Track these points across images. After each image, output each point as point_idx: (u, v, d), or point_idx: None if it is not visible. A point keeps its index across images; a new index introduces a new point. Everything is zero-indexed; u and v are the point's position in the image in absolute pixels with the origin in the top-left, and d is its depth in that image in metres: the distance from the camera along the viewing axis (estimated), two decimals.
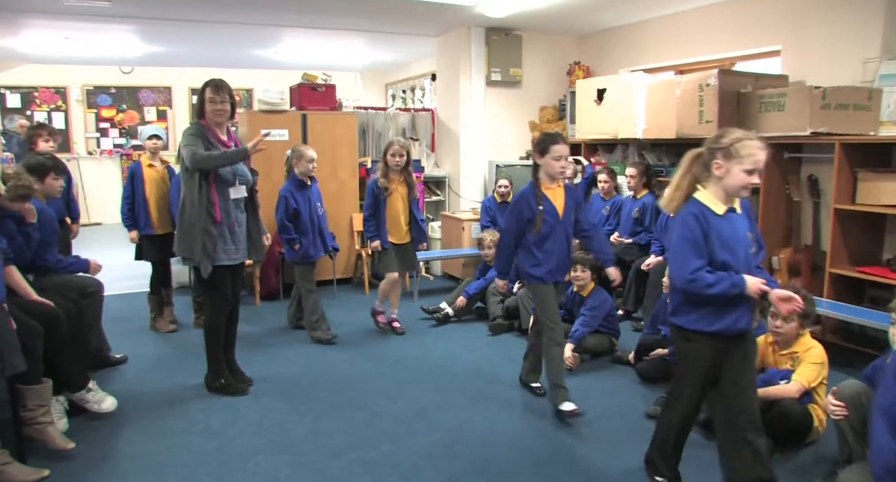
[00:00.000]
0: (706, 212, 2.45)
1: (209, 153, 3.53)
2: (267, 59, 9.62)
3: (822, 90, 4.34)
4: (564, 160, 3.42)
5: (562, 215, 3.48)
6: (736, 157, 2.40)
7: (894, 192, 4.14)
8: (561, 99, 7.20)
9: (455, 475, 2.95)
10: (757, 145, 2.42)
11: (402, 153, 4.76)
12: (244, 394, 3.84)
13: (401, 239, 4.92)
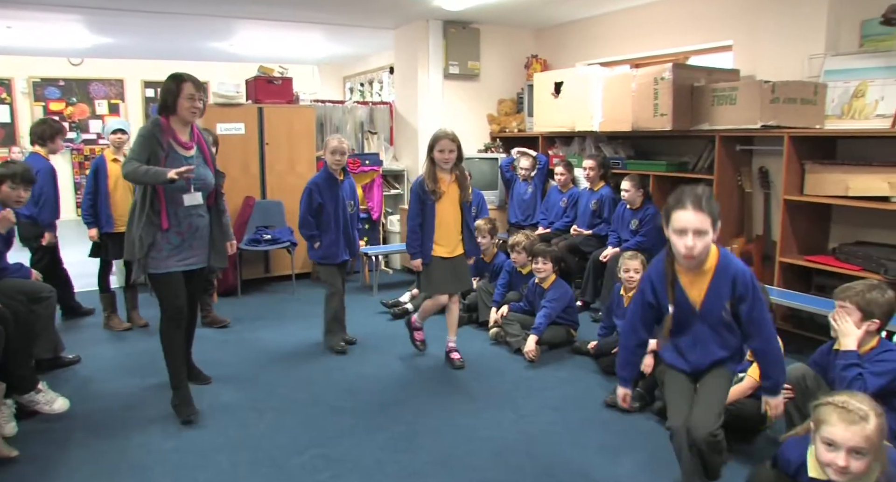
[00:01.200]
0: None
1: (136, 169, 3.24)
2: (222, 52, 9.45)
3: (772, 84, 4.45)
4: (690, 234, 2.26)
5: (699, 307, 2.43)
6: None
7: (839, 184, 4.27)
8: (519, 92, 7.24)
9: (417, 468, 2.96)
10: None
11: (453, 148, 4.02)
12: (188, 418, 3.41)
13: (452, 251, 4.14)
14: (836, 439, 1.90)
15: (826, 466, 1.94)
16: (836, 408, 1.92)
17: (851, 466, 1.88)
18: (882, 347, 2.74)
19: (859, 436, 1.86)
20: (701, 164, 5.28)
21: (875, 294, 2.71)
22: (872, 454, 1.89)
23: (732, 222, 5.00)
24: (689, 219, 2.23)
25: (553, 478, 2.87)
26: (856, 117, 4.56)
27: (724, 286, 2.33)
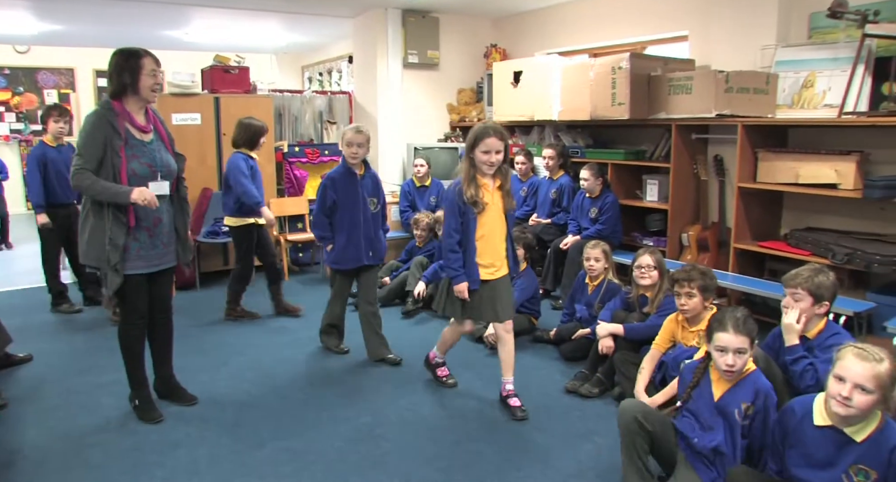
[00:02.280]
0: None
1: (92, 184, 2.97)
2: (177, 40, 9.24)
3: (726, 74, 4.53)
4: (731, 354, 2.44)
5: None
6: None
7: (790, 171, 4.38)
8: (478, 81, 7.24)
9: (380, 459, 2.97)
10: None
11: (500, 148, 3.21)
12: (155, 422, 3.29)
13: (495, 272, 3.37)
14: (845, 373, 1.99)
15: (831, 398, 2.03)
16: (855, 349, 2.03)
17: (854, 398, 1.96)
18: (829, 331, 2.85)
19: (869, 372, 1.96)
20: (658, 153, 5.36)
21: (822, 278, 2.82)
22: (878, 394, 1.96)
23: (689, 209, 5.10)
24: (730, 340, 2.41)
25: (514, 464, 2.90)
26: (805, 107, 4.68)
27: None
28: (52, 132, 5.01)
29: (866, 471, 2.01)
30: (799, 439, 2.15)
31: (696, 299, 3.20)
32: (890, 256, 3.81)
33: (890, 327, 3.48)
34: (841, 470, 2.05)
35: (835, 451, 2.06)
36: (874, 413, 2.03)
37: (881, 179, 3.88)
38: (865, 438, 2.02)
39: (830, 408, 2.06)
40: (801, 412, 2.16)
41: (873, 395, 1.96)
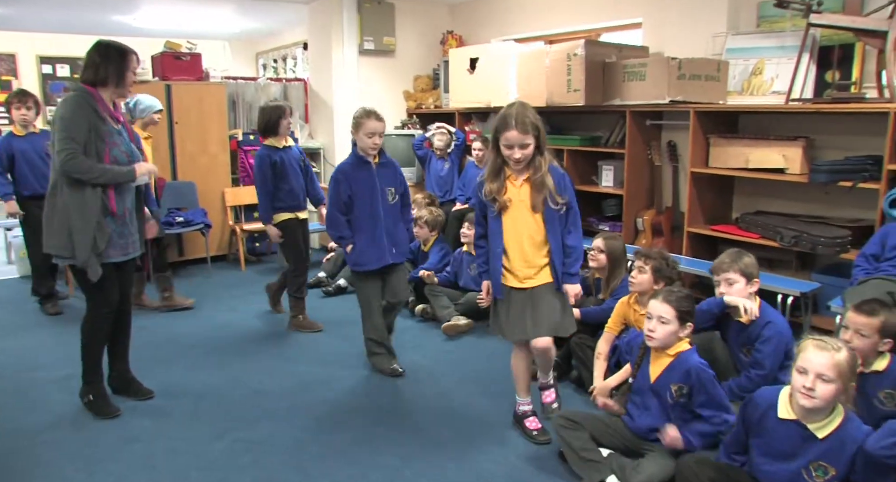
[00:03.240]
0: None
1: (90, 167, 2.94)
2: (125, 26, 8.97)
3: (678, 61, 4.60)
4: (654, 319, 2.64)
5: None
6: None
7: (740, 156, 4.48)
8: (435, 68, 7.21)
9: (340, 447, 2.96)
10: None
11: (525, 141, 2.73)
12: (113, 416, 3.24)
13: (525, 280, 2.87)
14: (806, 365, 2.06)
15: (796, 392, 2.08)
16: (814, 341, 2.10)
17: (817, 389, 2.02)
18: (763, 316, 3.00)
19: (828, 361, 2.02)
20: (613, 139, 5.42)
21: (747, 258, 3.03)
22: (839, 382, 2.02)
23: (643, 194, 5.18)
24: (654, 306, 2.63)
25: (476, 449, 2.93)
26: (754, 93, 4.78)
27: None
28: (17, 120, 4.81)
29: (825, 468, 2.06)
30: (762, 431, 2.21)
31: (646, 276, 3.28)
32: (834, 238, 3.94)
33: (834, 306, 3.60)
34: (801, 464, 2.10)
35: (797, 446, 2.11)
36: (837, 409, 2.08)
37: (825, 164, 4.00)
38: (828, 435, 2.07)
39: (796, 401, 2.11)
40: (765, 405, 2.21)
41: (834, 384, 2.02)
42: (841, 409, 2.08)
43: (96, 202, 3.01)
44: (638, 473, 2.49)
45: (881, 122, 3.73)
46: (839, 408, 2.08)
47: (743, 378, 3.02)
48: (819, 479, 2.06)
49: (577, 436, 2.67)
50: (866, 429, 2.06)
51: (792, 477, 2.11)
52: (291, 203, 4.40)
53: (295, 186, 4.41)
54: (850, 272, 3.66)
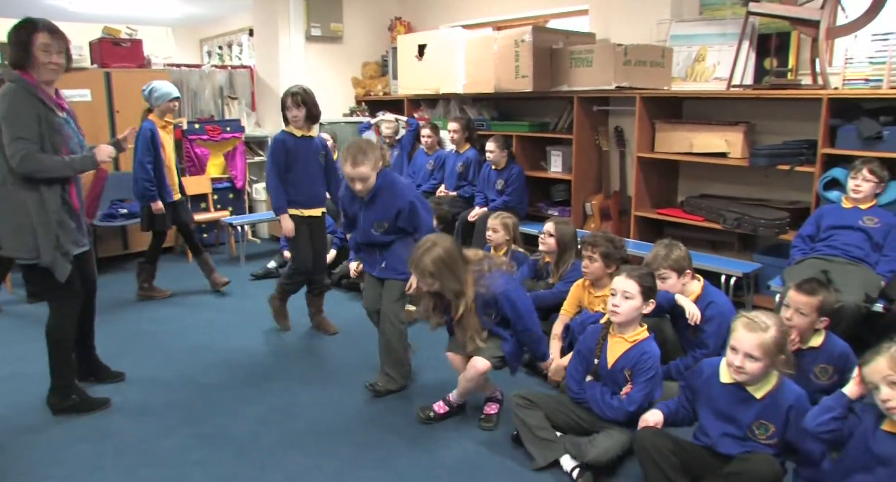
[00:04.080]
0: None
1: (51, 164, 2.80)
2: (60, 10, 8.63)
3: (624, 48, 4.65)
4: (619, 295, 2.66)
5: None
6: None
7: (684, 141, 4.58)
8: (383, 54, 7.16)
9: (294, 437, 2.95)
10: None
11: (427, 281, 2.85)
12: (106, 407, 3.20)
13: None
14: (737, 344, 2.19)
15: (729, 367, 2.23)
16: (745, 319, 2.21)
17: (746, 367, 2.16)
18: (706, 298, 3.11)
19: (755, 341, 2.14)
20: (561, 125, 5.48)
21: (676, 252, 3.13)
22: (767, 360, 2.15)
23: (591, 179, 5.26)
24: (618, 282, 2.68)
25: (429, 435, 2.95)
26: (697, 79, 4.89)
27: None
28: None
29: (766, 426, 2.19)
30: (707, 395, 2.31)
31: (597, 264, 3.35)
32: (773, 220, 4.06)
33: (774, 286, 3.72)
34: (745, 424, 2.22)
35: (739, 407, 2.24)
36: (771, 373, 2.21)
37: (765, 148, 4.12)
38: (765, 395, 2.20)
39: (732, 375, 2.24)
40: (709, 371, 2.33)
41: (761, 362, 2.15)
42: (775, 373, 2.22)
43: (56, 199, 2.90)
44: (594, 447, 2.54)
45: (815, 107, 3.85)
46: (774, 372, 2.22)
47: (689, 357, 3.11)
48: (762, 436, 2.20)
49: (533, 415, 2.71)
50: (797, 390, 2.20)
51: (738, 435, 2.22)
52: (296, 198, 4.01)
53: (303, 180, 3.98)
54: (788, 252, 3.80)
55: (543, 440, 2.67)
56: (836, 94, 3.84)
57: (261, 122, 7.17)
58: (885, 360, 1.91)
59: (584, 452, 2.54)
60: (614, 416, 2.62)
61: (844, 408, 2.07)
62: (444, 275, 2.78)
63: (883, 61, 3.85)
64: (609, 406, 2.63)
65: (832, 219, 3.65)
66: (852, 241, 3.53)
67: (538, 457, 2.65)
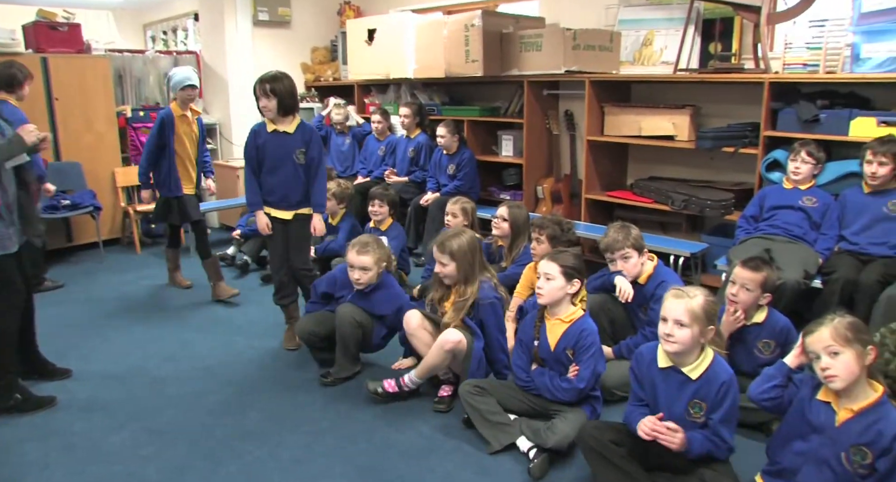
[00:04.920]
0: None
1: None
2: None
3: (573, 32, 4.69)
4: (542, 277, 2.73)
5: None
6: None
7: (633, 124, 4.65)
8: (332, 39, 7.07)
9: (249, 427, 2.92)
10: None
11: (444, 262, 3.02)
12: (51, 405, 3.11)
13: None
14: (666, 313, 2.22)
15: (661, 339, 2.24)
16: (673, 290, 2.27)
17: (675, 334, 2.18)
18: (657, 277, 3.16)
19: (682, 307, 2.17)
20: (512, 109, 5.50)
21: (634, 231, 3.17)
22: (696, 328, 2.16)
23: (542, 163, 5.30)
24: (542, 265, 2.72)
25: (384, 420, 2.95)
26: (645, 63, 4.96)
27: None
28: None
29: (700, 405, 2.23)
30: (650, 382, 2.33)
31: (544, 246, 3.40)
32: (719, 201, 4.17)
33: (720, 265, 3.82)
34: (683, 405, 2.25)
35: (677, 389, 2.26)
36: (706, 352, 2.23)
37: (710, 131, 4.21)
38: (700, 376, 2.22)
39: (663, 348, 2.26)
40: (649, 357, 2.35)
41: (690, 329, 2.17)
42: (710, 352, 2.25)
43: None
44: (553, 434, 2.57)
45: (758, 91, 3.95)
46: (708, 351, 2.25)
47: (638, 336, 3.17)
48: (697, 415, 2.23)
49: (485, 401, 2.74)
50: (729, 371, 2.23)
51: (679, 418, 2.25)
52: (266, 197, 3.66)
53: (272, 180, 3.61)
54: (734, 232, 3.90)
55: (497, 424, 2.70)
56: (777, 78, 3.94)
57: (208, 110, 7.01)
58: (829, 331, 1.98)
59: (545, 439, 2.57)
60: (567, 398, 2.66)
61: (784, 377, 2.15)
62: (464, 259, 2.98)
63: (819, 47, 3.96)
64: (560, 389, 2.67)
65: (774, 199, 3.76)
66: (793, 221, 3.65)
67: (493, 441, 2.68)
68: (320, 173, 3.64)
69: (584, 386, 2.63)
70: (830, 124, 3.74)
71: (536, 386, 2.75)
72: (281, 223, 3.66)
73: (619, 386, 2.98)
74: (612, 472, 2.29)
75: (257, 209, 3.66)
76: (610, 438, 2.33)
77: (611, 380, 2.96)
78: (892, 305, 2.94)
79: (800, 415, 2.09)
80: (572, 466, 2.58)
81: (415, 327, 3.11)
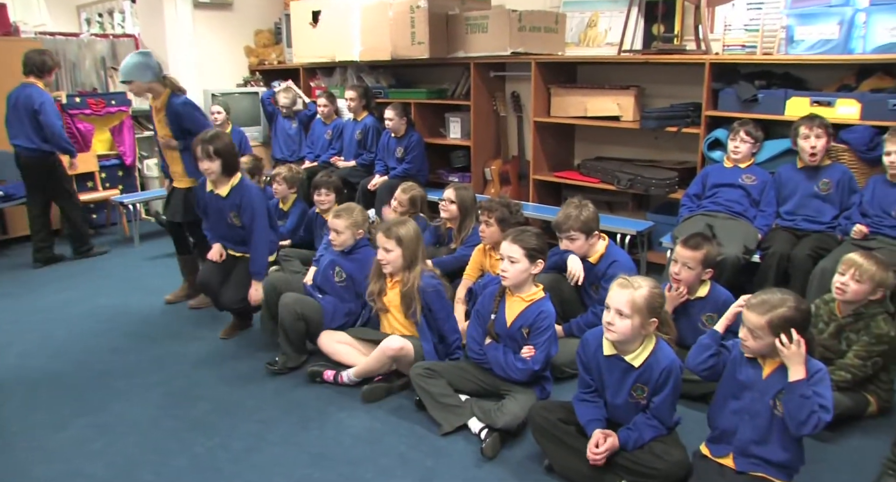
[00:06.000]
0: None
1: None
2: None
3: (519, 13, 4.69)
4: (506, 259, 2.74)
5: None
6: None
7: (579, 105, 4.69)
8: (276, 22, 6.92)
9: (198, 418, 2.88)
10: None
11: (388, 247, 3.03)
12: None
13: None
14: (609, 302, 2.23)
15: (604, 328, 2.25)
16: (620, 279, 2.26)
17: (615, 323, 2.19)
18: (609, 257, 3.21)
19: (624, 298, 2.18)
20: (459, 91, 5.49)
21: (585, 213, 3.19)
22: (637, 319, 2.18)
23: (490, 145, 5.32)
24: (504, 248, 2.72)
25: (336, 406, 2.95)
26: (590, 45, 5.00)
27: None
28: None
29: (642, 388, 2.28)
30: (596, 367, 2.37)
31: (493, 228, 3.42)
32: (664, 180, 4.25)
33: (665, 242, 3.91)
34: (626, 391, 2.29)
35: (620, 376, 2.30)
36: (649, 339, 2.26)
37: (654, 111, 4.28)
38: (642, 363, 2.26)
39: (605, 336, 2.29)
40: (595, 344, 2.37)
41: (630, 320, 2.18)
42: (653, 339, 2.28)
43: None
44: (503, 414, 2.60)
45: (699, 72, 4.02)
46: (651, 338, 2.27)
47: (589, 314, 3.22)
48: (640, 396, 2.29)
49: (436, 384, 2.75)
50: (672, 356, 2.27)
51: (623, 402, 2.31)
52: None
53: (218, 230, 3.66)
54: (678, 210, 3.99)
55: (448, 406, 2.72)
56: (717, 59, 4.02)
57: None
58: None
59: (495, 420, 2.60)
60: (519, 377, 2.69)
61: (717, 345, 2.24)
62: (409, 247, 3.00)
63: (756, 29, 4.06)
64: (513, 367, 2.70)
65: (715, 177, 3.86)
66: (733, 198, 3.75)
67: (444, 422, 2.70)
68: (255, 238, 3.49)
69: (538, 368, 2.67)
70: (768, 104, 3.84)
71: (488, 360, 2.77)
72: (231, 257, 3.68)
73: (569, 363, 3.02)
74: (561, 450, 2.35)
75: (213, 242, 3.67)
76: (559, 417, 2.38)
77: (561, 357, 3.00)
78: (825, 278, 3.05)
79: (732, 377, 2.18)
80: (523, 445, 2.62)
81: (327, 349, 3.19)
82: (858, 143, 3.56)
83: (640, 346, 2.26)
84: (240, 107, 6.18)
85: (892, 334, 2.61)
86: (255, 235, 3.50)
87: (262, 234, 3.52)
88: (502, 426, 2.58)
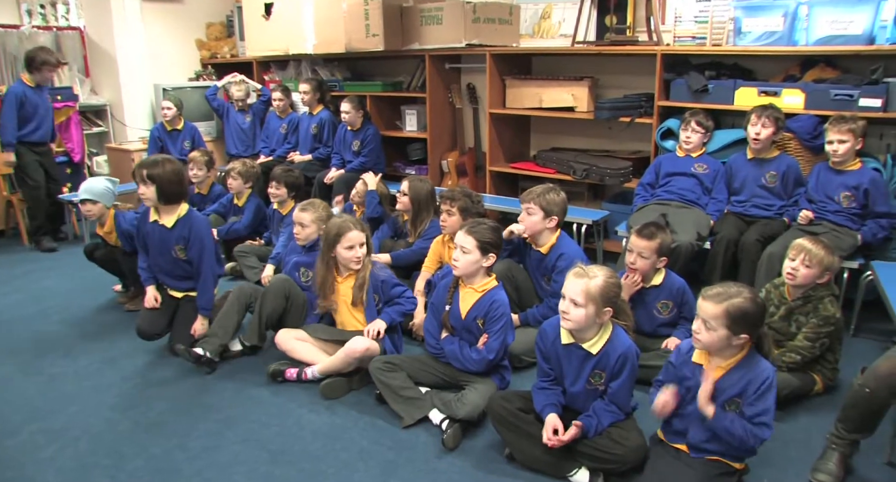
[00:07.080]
0: None
1: None
2: None
3: (473, 5, 4.70)
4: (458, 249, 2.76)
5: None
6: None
7: (534, 97, 4.72)
8: (228, 14, 6.80)
9: (155, 419, 2.82)
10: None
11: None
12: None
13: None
14: (565, 291, 2.24)
15: (560, 316, 2.27)
16: (576, 269, 2.27)
17: (570, 312, 2.21)
18: (559, 248, 3.22)
19: (579, 288, 2.20)
20: (415, 83, 5.48)
21: (552, 195, 3.18)
22: (592, 308, 2.20)
23: (447, 137, 5.33)
24: (459, 238, 2.73)
25: (296, 403, 2.93)
26: (544, 36, 5.04)
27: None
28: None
29: (600, 374, 2.31)
30: (555, 356, 2.39)
31: (455, 218, 3.43)
32: (618, 169, 4.31)
33: (620, 231, 3.97)
34: (585, 378, 2.33)
35: (579, 364, 2.33)
36: (606, 327, 2.29)
37: (608, 102, 4.33)
38: (599, 351, 2.29)
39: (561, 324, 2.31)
40: (553, 334, 2.39)
41: (584, 309, 2.21)
42: (609, 326, 2.31)
43: None
44: (464, 405, 2.61)
45: (651, 63, 4.09)
46: (608, 325, 2.30)
47: (544, 306, 3.25)
48: (598, 382, 2.32)
49: (396, 377, 2.75)
50: (628, 342, 2.31)
51: (582, 389, 2.34)
52: (157, 274, 3.50)
53: (159, 264, 3.44)
54: (633, 199, 4.06)
55: (409, 398, 2.73)
56: (668, 50, 4.09)
57: (97, 89, 6.62)
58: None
59: (455, 410, 2.61)
60: (476, 368, 2.71)
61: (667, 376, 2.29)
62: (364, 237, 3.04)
63: (706, 20, 4.14)
64: (469, 359, 2.71)
65: (668, 166, 3.93)
66: (686, 187, 3.83)
67: (406, 415, 2.71)
68: (202, 272, 3.33)
69: (493, 357, 2.68)
70: (717, 94, 3.93)
71: (445, 353, 2.78)
72: (172, 298, 3.48)
73: (527, 352, 3.05)
74: (521, 439, 2.38)
75: (147, 285, 3.45)
76: (518, 407, 2.40)
77: (518, 346, 3.02)
78: (773, 263, 3.14)
79: (680, 385, 2.20)
80: (484, 435, 2.64)
81: (285, 347, 3.16)
82: (803, 132, 3.67)
83: (597, 334, 2.29)
84: (192, 101, 6.06)
85: (838, 316, 2.70)
86: (202, 269, 3.32)
87: (210, 269, 3.36)
88: (463, 416, 2.60)
